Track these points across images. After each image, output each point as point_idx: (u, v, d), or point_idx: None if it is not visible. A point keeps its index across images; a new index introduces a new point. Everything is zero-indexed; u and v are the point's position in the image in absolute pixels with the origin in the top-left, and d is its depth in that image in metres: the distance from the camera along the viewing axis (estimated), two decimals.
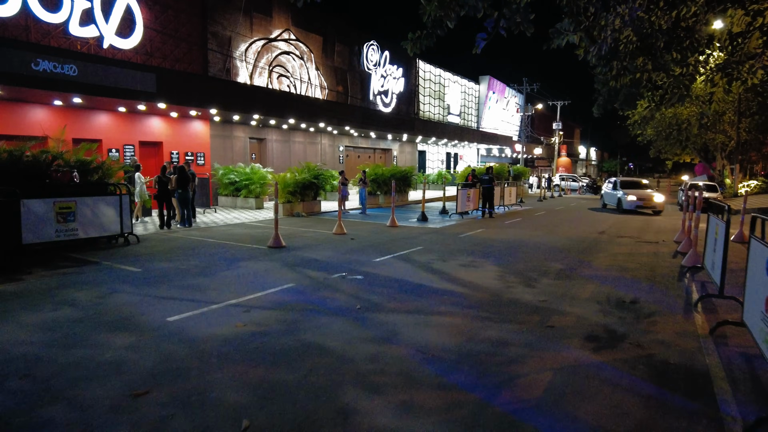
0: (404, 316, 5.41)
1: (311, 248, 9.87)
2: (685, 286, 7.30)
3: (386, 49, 29.90)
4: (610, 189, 22.57)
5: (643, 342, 4.76)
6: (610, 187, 22.67)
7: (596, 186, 37.20)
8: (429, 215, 17.03)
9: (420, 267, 8.18)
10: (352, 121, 23.59)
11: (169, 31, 17.45)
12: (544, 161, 59.46)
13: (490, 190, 17.07)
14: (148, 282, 6.82)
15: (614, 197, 21.30)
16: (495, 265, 8.44)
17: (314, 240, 11.02)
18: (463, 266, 8.33)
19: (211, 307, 5.66)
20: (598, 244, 11.22)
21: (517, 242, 11.23)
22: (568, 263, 8.81)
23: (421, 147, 36.18)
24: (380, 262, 8.51)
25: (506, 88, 49.57)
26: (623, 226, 15.30)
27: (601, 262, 9.05)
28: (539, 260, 9.03)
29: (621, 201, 20.30)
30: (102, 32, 15.14)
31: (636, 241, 11.84)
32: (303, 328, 4.95)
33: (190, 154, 18.55)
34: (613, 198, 21.54)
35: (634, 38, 8.02)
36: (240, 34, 20.28)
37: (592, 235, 12.91)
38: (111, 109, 15.74)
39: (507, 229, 13.84)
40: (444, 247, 10.37)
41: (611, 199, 21.84)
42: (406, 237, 11.70)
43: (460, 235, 12.20)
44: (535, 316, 5.52)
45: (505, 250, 10.15)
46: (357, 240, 11.09)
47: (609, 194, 22.39)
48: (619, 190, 21.02)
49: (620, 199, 20.40)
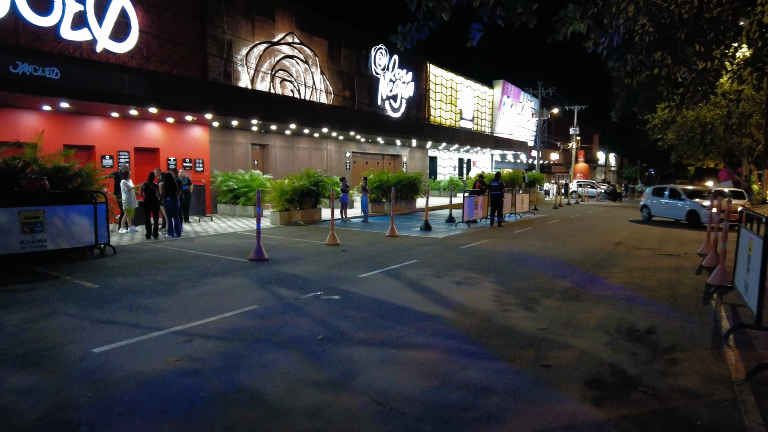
0: (371, 350, 4.56)
1: (295, 261, 9.08)
2: (712, 310, 6.29)
3: (395, 52, 29.17)
4: (661, 198, 18.95)
5: (661, 390, 3.82)
6: (660, 195, 19.18)
7: (616, 192, 35.78)
8: (435, 224, 16.14)
9: (408, 284, 7.31)
10: (359, 126, 22.85)
11: (167, 35, 16.98)
12: (561, 167, 58.01)
13: (498, 198, 16.11)
14: (99, 302, 6.10)
15: (679, 209, 17.72)
16: (493, 283, 7.53)
17: (302, 252, 10.23)
18: (457, 284, 7.44)
19: (151, 334, 4.89)
20: (613, 258, 10.19)
21: (523, 255, 10.28)
22: (577, 280, 7.84)
23: (432, 153, 35.28)
24: (365, 279, 7.67)
25: (521, 92, 48.43)
26: (642, 236, 14.18)
27: (615, 278, 8.05)
28: (545, 276, 8.08)
29: (697, 214, 16.72)
30: (95, 36, 14.68)
31: (655, 254, 10.76)
32: (244, 366, 4.14)
33: (188, 161, 18.00)
34: (675, 210, 17.98)
35: (651, 29, 7.06)
36: (241, 38, 19.76)
37: (607, 246, 11.86)
38: (103, 115, 15.25)
39: (515, 239, 12.87)
40: (441, 260, 9.48)
41: (671, 211, 18.28)
42: (403, 248, 10.84)
43: (462, 247, 11.28)
44: (530, 351, 4.61)
45: (508, 264, 9.21)
46: (349, 252, 10.27)
47: (663, 205, 18.78)
48: (685, 200, 17.50)
49: (694, 211, 16.87)
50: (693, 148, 31.81)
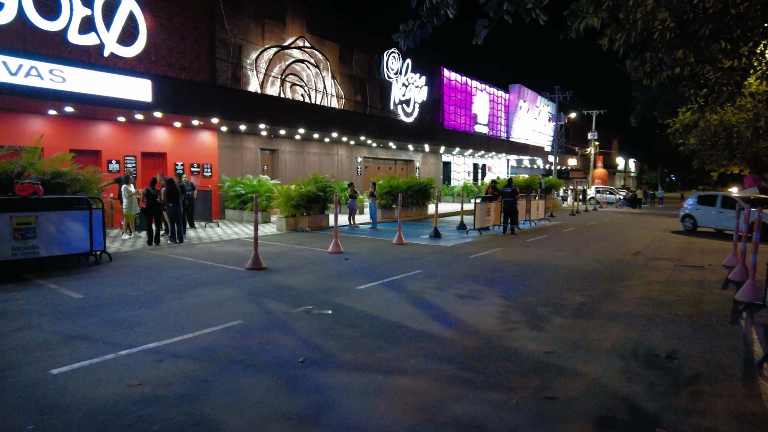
0: (354, 377, 4.11)
1: (293, 270, 8.68)
2: (742, 331, 5.69)
3: (408, 56, 28.80)
4: (711, 208, 17.06)
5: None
6: (709, 203, 17.24)
7: (636, 198, 34.74)
8: (445, 231, 15.65)
9: (408, 298, 6.85)
10: (370, 130, 22.49)
11: (175, 39, 16.86)
12: (579, 173, 56.86)
13: (512, 204, 15.53)
14: (77, 314, 5.77)
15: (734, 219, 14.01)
16: (500, 297, 7.01)
17: (302, 260, 9.84)
18: (460, 297, 6.95)
19: (119, 353, 4.52)
20: (631, 269, 9.57)
21: (534, 265, 9.72)
22: (591, 295, 7.27)
23: (446, 158, 34.75)
24: (363, 291, 7.23)
25: (538, 96, 47.61)
26: (662, 245, 13.46)
27: (633, 293, 7.46)
28: (556, 290, 7.53)
29: None
30: (103, 40, 14.59)
31: (676, 266, 10.10)
32: (211, 393, 3.72)
33: (196, 166, 17.83)
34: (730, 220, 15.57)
35: (672, 24, 6.51)
36: (251, 42, 19.59)
37: (625, 256, 11.22)
38: (110, 119, 15.16)
39: (527, 248, 12.30)
40: (447, 270, 8.99)
41: (723, 222, 16.45)
42: (409, 257, 10.38)
43: (471, 256, 10.77)
44: (533, 379, 4.11)
45: (517, 275, 8.68)
46: (351, 260, 9.85)
47: (713, 215, 16.96)
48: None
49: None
50: (717, 153, 30.68)
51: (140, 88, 13.16)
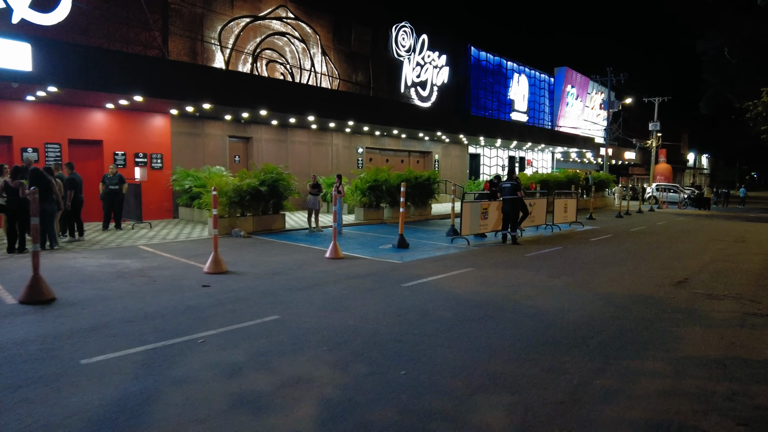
0: None
1: (65, 310, 5.44)
2: None
3: (424, 32, 24.93)
4: None
5: None
6: None
7: (702, 198, 29.03)
8: (429, 238, 11.98)
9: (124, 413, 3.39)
10: (373, 116, 18.91)
11: (114, 6, 14.17)
12: (639, 168, 50.34)
13: (511, 203, 11.49)
14: None
15: None
16: (322, 407, 3.39)
17: (120, 290, 6.58)
18: (236, 406, 3.40)
19: None
20: (661, 319, 5.54)
21: (491, 306, 5.92)
22: (545, 400, 3.48)
23: (474, 150, 30.50)
24: (70, 380, 3.84)
25: (589, 81, 41.95)
26: (728, 267, 9.05)
27: (645, 387, 3.58)
28: (475, 381, 3.78)
29: None
30: (10, 4, 12.07)
31: (744, 311, 5.92)
32: None
33: (142, 155, 15.11)
34: None
35: None
36: (215, 12, 16.64)
37: (660, 289, 7.10)
38: (20, 98, 12.64)
39: (512, 269, 8.41)
40: (327, 317, 5.41)
41: None
42: (313, 283, 6.89)
43: (406, 284, 7.08)
44: None
45: (439, 331, 4.95)
46: (210, 290, 6.50)
47: None
48: None
49: None
50: None
51: (17, 53, 10.36)
